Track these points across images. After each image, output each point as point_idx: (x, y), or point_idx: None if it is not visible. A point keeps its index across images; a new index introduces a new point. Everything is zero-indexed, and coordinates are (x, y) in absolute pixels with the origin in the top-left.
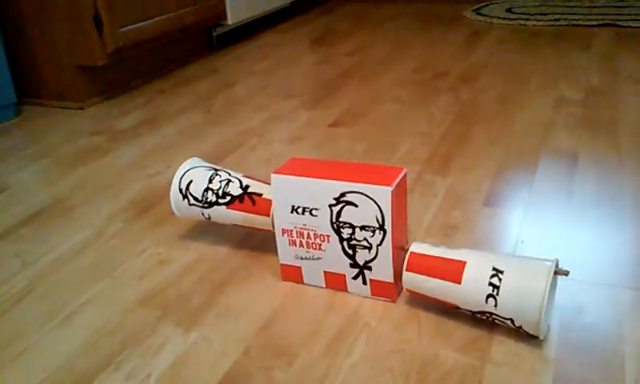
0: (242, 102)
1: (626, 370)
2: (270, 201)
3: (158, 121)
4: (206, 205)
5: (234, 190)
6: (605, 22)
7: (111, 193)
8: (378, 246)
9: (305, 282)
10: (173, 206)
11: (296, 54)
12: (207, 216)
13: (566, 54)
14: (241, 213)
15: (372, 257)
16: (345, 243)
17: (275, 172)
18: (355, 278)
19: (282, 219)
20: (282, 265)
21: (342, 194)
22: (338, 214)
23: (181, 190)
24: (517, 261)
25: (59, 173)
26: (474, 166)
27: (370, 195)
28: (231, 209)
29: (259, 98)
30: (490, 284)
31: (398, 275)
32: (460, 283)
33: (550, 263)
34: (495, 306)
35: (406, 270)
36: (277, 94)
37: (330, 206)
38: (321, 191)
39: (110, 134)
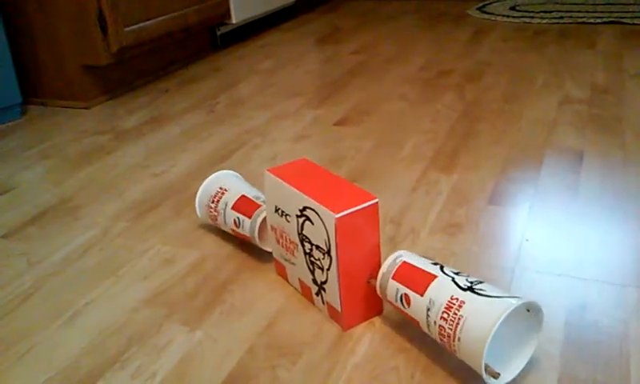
0: (246, 101)
1: (631, 368)
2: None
3: (162, 120)
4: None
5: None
6: (610, 19)
7: (116, 192)
8: (327, 270)
9: (289, 281)
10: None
11: (301, 52)
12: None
13: (571, 52)
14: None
15: (324, 279)
16: (307, 257)
17: (268, 169)
18: (317, 294)
19: (270, 216)
20: (274, 259)
21: (304, 208)
22: (302, 226)
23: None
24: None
25: (64, 172)
26: (478, 164)
27: (321, 216)
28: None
29: (263, 96)
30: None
31: (351, 306)
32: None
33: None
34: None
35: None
36: (281, 93)
37: (297, 216)
38: (291, 199)
39: (115, 133)
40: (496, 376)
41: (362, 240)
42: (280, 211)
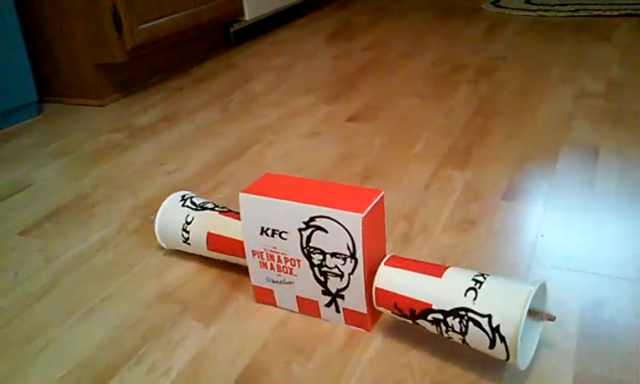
0: (260, 98)
1: None
2: None
3: (176, 117)
4: (199, 208)
5: (236, 209)
6: (627, 12)
7: (131, 189)
8: (349, 274)
9: (277, 305)
10: (162, 206)
11: (313, 49)
12: (189, 227)
13: (586, 46)
14: (230, 218)
15: (344, 285)
16: (316, 269)
17: (244, 191)
18: (328, 305)
19: (251, 240)
20: (254, 286)
21: (312, 219)
22: (308, 238)
23: (184, 196)
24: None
25: (80, 170)
26: (492, 160)
27: (341, 221)
28: (222, 215)
29: (276, 93)
30: (474, 279)
31: (372, 304)
32: (440, 277)
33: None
34: (474, 299)
35: (384, 264)
36: (294, 90)
37: (300, 229)
38: (290, 214)
39: (130, 130)
40: (552, 319)
41: (377, 235)
42: (270, 231)
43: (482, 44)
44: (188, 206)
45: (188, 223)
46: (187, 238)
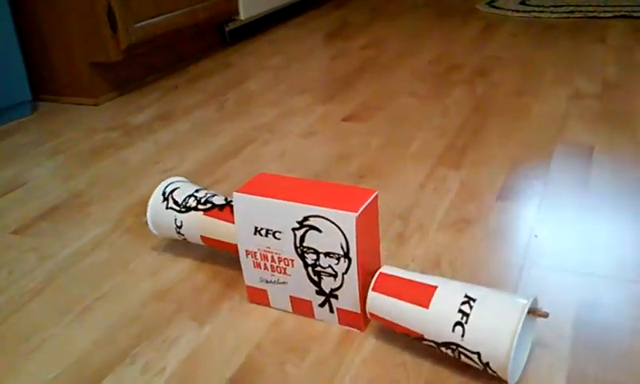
0: (256, 97)
1: None
2: None
3: (171, 116)
4: (183, 209)
5: (218, 200)
6: (621, 13)
7: (126, 188)
8: (343, 274)
9: (271, 305)
10: (149, 209)
11: (309, 48)
12: (181, 230)
13: (581, 47)
14: (218, 220)
15: (338, 285)
16: (310, 269)
17: (238, 190)
18: (322, 305)
19: (245, 240)
20: (247, 287)
21: (305, 218)
22: (302, 238)
23: (164, 193)
24: (493, 291)
25: (75, 168)
26: (488, 160)
27: (334, 221)
28: (208, 215)
29: (273, 92)
30: (460, 311)
31: (365, 304)
32: (427, 307)
33: (525, 301)
34: (462, 335)
35: (372, 289)
36: (290, 89)
37: (294, 229)
38: (284, 213)
39: (125, 129)
40: (545, 315)
41: (371, 234)
42: (264, 231)
43: (477, 44)
44: (172, 208)
45: (179, 227)
46: (185, 238)
